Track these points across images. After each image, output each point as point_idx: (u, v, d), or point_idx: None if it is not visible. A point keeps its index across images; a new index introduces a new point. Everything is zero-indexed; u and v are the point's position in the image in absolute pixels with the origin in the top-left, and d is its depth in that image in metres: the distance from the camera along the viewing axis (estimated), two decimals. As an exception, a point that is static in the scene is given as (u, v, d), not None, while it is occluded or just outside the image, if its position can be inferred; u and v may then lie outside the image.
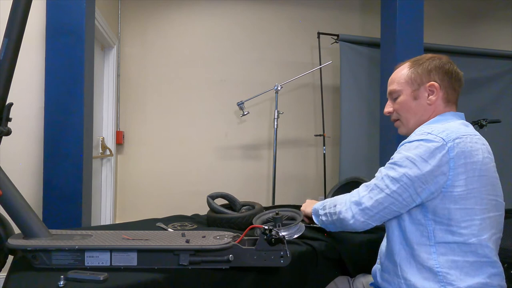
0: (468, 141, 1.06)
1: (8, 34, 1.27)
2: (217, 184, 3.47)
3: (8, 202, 1.19)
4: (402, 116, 1.23)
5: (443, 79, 1.18)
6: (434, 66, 1.19)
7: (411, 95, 1.20)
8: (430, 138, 1.06)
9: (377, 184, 1.10)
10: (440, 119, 1.17)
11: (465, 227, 1.03)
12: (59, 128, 2.05)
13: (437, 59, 1.20)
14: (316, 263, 1.31)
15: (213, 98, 3.59)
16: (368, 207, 1.09)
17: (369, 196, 1.10)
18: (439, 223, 1.05)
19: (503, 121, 3.19)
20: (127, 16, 3.45)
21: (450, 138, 1.05)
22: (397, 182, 1.06)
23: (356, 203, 1.11)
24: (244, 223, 1.47)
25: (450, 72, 1.18)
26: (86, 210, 2.14)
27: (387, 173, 1.09)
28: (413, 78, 1.20)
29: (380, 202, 1.08)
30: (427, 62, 1.20)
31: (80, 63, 2.07)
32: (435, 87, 1.17)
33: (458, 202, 1.04)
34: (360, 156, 3.38)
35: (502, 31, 4.27)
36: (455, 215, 1.04)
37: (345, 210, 1.13)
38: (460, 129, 1.09)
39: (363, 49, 3.43)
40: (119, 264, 1.09)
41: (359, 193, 1.13)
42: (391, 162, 1.10)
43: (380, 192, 1.08)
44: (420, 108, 1.19)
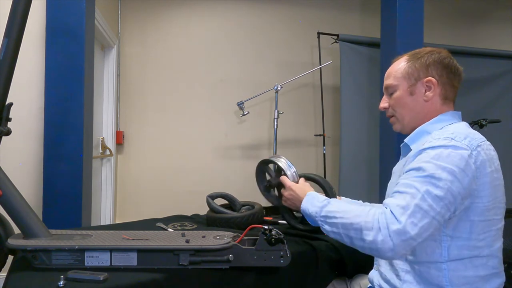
0: (486, 148, 1.02)
1: (8, 34, 1.27)
2: (217, 184, 3.47)
3: (8, 202, 1.19)
4: (397, 112, 1.18)
5: (441, 75, 1.12)
6: (432, 61, 1.13)
7: (407, 91, 1.14)
8: (458, 144, 0.97)
9: (419, 204, 0.92)
10: (443, 119, 1.12)
11: (483, 239, 0.99)
12: (59, 128, 2.05)
13: (436, 52, 1.14)
14: (316, 263, 1.31)
15: (213, 98, 3.59)
16: (413, 236, 0.91)
17: (413, 222, 0.91)
18: (456, 239, 0.98)
19: (503, 121, 3.19)
20: (127, 16, 3.45)
21: (473, 146, 0.98)
22: (441, 200, 0.93)
23: (398, 233, 0.90)
24: (244, 223, 1.47)
25: (449, 66, 1.13)
26: (86, 210, 2.14)
27: (428, 189, 0.93)
28: (410, 72, 1.14)
29: (426, 228, 0.92)
30: (426, 56, 1.14)
31: (80, 63, 2.07)
32: (432, 83, 1.11)
33: (482, 214, 0.98)
34: (360, 156, 3.38)
35: (502, 31, 4.27)
36: (477, 227, 0.98)
37: (382, 241, 0.91)
38: (474, 133, 1.04)
39: (363, 49, 3.43)
40: (119, 264, 1.09)
41: (396, 215, 0.92)
42: (427, 174, 0.95)
43: (425, 216, 0.92)
44: (416, 104, 1.14)
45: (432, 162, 0.96)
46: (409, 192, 0.95)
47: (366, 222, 0.95)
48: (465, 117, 1.18)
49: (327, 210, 1.05)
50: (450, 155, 0.96)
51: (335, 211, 1.04)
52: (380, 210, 0.96)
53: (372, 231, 0.93)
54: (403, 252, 0.93)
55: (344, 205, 1.05)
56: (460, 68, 1.15)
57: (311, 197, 1.15)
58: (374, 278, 1.18)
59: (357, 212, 0.99)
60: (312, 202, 1.13)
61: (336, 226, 1.01)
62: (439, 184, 0.93)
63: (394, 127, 1.22)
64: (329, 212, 1.05)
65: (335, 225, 1.02)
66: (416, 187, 0.95)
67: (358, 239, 0.96)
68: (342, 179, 3.32)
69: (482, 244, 0.99)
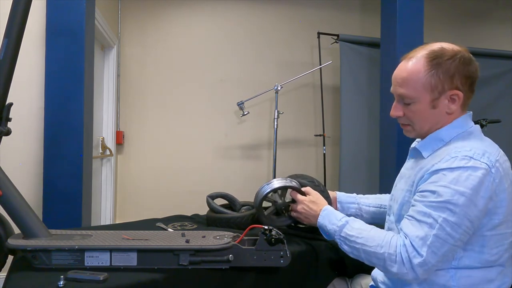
0: (502, 162, 1.00)
1: (8, 34, 1.27)
2: (217, 184, 3.47)
3: (8, 202, 1.19)
4: (416, 124, 1.09)
5: (465, 83, 1.04)
6: (456, 69, 1.02)
7: (430, 104, 1.05)
8: (476, 165, 0.95)
9: (437, 234, 0.94)
10: (457, 125, 1.08)
11: (495, 253, 0.99)
12: (59, 128, 2.05)
13: (459, 57, 1.03)
14: (316, 263, 1.31)
15: (213, 98, 3.60)
16: (434, 263, 0.96)
17: (433, 252, 0.94)
18: (469, 251, 0.99)
19: (503, 121, 3.19)
20: (127, 16, 3.45)
21: (492, 162, 0.97)
22: (459, 227, 0.94)
23: (420, 265, 0.94)
24: (244, 223, 1.47)
25: (472, 74, 1.05)
26: (86, 210, 2.14)
27: (445, 217, 0.94)
28: (433, 84, 1.03)
29: (445, 254, 0.96)
30: (449, 62, 1.02)
31: (80, 63, 2.07)
32: (458, 96, 1.04)
33: (495, 229, 0.98)
34: (360, 156, 3.38)
35: (503, 31, 4.27)
36: (489, 241, 0.98)
37: (406, 273, 0.96)
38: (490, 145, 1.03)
39: (363, 49, 3.43)
40: (119, 264, 1.09)
41: (417, 248, 0.95)
42: (444, 200, 0.94)
43: (444, 244, 0.94)
44: (438, 116, 1.07)
45: (449, 187, 0.94)
46: (427, 222, 0.95)
47: (389, 254, 0.98)
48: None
49: (347, 233, 1.07)
50: (468, 178, 0.94)
51: (355, 235, 1.05)
52: (401, 242, 0.98)
53: (396, 263, 0.97)
54: (425, 277, 0.99)
55: (363, 228, 1.07)
56: (477, 65, 1.08)
57: (328, 213, 1.16)
58: (378, 276, 1.18)
59: (378, 240, 1.01)
60: (329, 219, 1.14)
61: (357, 250, 1.05)
62: (456, 210, 0.93)
63: (408, 134, 1.15)
64: (349, 236, 1.07)
65: (356, 249, 1.05)
66: (433, 216, 0.95)
67: (381, 266, 1.02)
68: (342, 179, 3.32)
69: (494, 258, 1.00)
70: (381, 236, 1.02)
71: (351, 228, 1.07)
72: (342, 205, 1.44)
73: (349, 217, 1.12)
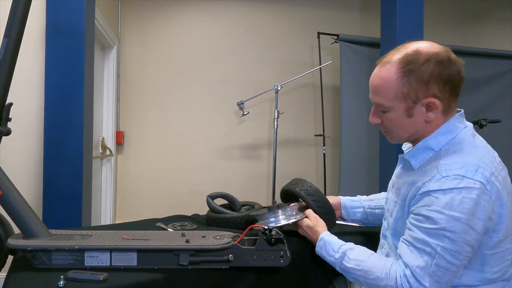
0: (497, 173, 0.95)
1: (8, 34, 1.27)
2: (217, 184, 3.47)
3: (8, 202, 1.19)
4: (394, 132, 1.06)
5: (443, 89, 0.96)
6: (431, 74, 0.95)
7: (405, 113, 1.00)
8: (470, 184, 0.90)
9: (438, 264, 0.91)
10: (447, 131, 1.00)
11: (497, 271, 0.97)
12: (59, 128, 2.05)
13: (434, 61, 0.95)
14: (316, 263, 1.31)
15: (213, 98, 3.59)
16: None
17: (436, 281, 0.92)
18: (469, 269, 0.97)
19: (503, 121, 3.19)
20: (127, 16, 3.45)
21: (487, 177, 0.91)
22: (460, 254, 0.91)
23: None
24: (244, 223, 1.47)
25: (452, 77, 0.96)
26: (86, 210, 2.13)
27: (444, 246, 0.91)
28: (406, 93, 0.97)
29: (450, 281, 0.94)
30: (423, 67, 0.95)
31: (80, 63, 2.07)
32: (435, 105, 0.97)
33: (495, 247, 0.96)
34: (360, 156, 3.38)
35: (502, 31, 4.27)
36: (490, 260, 0.96)
37: None
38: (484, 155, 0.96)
39: (363, 49, 3.42)
40: (119, 264, 1.09)
41: (419, 279, 0.93)
42: (439, 228, 0.91)
43: (446, 273, 0.92)
44: (416, 125, 1.01)
45: (444, 213, 0.90)
46: (426, 250, 0.93)
47: (391, 287, 0.96)
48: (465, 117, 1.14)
49: (346, 265, 1.07)
50: (462, 201, 0.89)
51: (354, 268, 1.04)
52: (401, 272, 0.95)
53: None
54: None
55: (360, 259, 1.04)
56: (461, 65, 0.98)
57: (324, 243, 1.15)
58: None
59: (376, 271, 0.99)
60: (326, 250, 1.13)
61: (359, 282, 1.05)
62: (454, 237, 0.90)
63: (390, 140, 1.12)
64: (348, 268, 1.06)
65: (358, 281, 1.05)
66: (431, 244, 0.92)
67: None
68: (342, 179, 3.31)
69: (496, 276, 0.97)
70: (380, 266, 1.00)
71: (349, 260, 1.06)
72: (347, 210, 1.42)
73: (346, 246, 1.10)
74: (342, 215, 1.44)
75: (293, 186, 1.39)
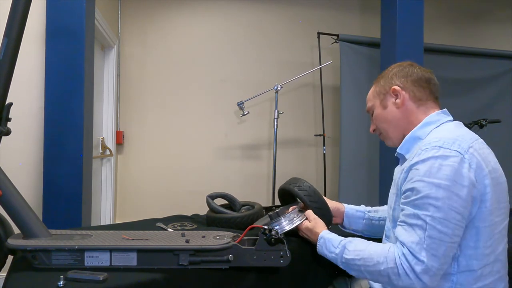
0: (478, 148, 1.00)
1: (8, 34, 1.27)
2: (217, 184, 3.47)
3: (8, 202, 1.19)
4: (381, 128, 1.22)
5: (405, 82, 1.16)
6: (393, 73, 1.19)
7: (381, 106, 1.21)
8: (446, 153, 0.95)
9: (430, 235, 0.93)
10: (430, 122, 1.11)
11: (489, 245, 0.98)
12: (59, 128, 2.05)
13: (397, 66, 1.21)
14: (316, 263, 1.31)
15: (213, 98, 3.60)
16: (438, 267, 0.94)
17: (432, 255, 0.93)
18: (465, 248, 0.98)
19: (503, 121, 3.19)
20: (127, 16, 3.45)
21: (465, 149, 0.96)
22: (449, 221, 0.93)
23: (424, 271, 0.93)
24: (244, 223, 1.47)
25: (409, 73, 1.17)
26: (86, 210, 2.14)
27: (431, 214, 0.93)
28: (378, 90, 1.22)
29: (446, 254, 0.94)
30: (389, 72, 1.21)
31: (80, 63, 2.07)
32: (397, 91, 1.16)
33: (486, 219, 0.97)
34: (360, 156, 3.38)
35: (502, 31, 4.27)
36: (483, 234, 0.97)
37: (412, 284, 0.94)
38: (463, 134, 1.02)
39: (363, 49, 3.42)
40: (119, 264, 1.09)
41: (416, 255, 0.94)
42: (423, 196, 0.95)
43: (441, 244, 0.93)
44: (392, 114, 1.17)
45: (424, 180, 0.95)
46: (417, 224, 0.95)
47: (391, 269, 0.97)
48: (465, 117, 1.17)
49: (346, 258, 1.08)
50: (440, 168, 0.94)
51: (355, 258, 1.06)
52: (399, 252, 0.97)
53: (400, 277, 0.96)
54: (435, 284, 0.96)
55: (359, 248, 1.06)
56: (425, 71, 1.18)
57: (324, 241, 1.16)
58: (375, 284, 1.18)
59: (376, 257, 1.01)
60: (327, 247, 1.15)
61: (361, 272, 1.05)
62: (438, 204, 0.93)
63: (386, 143, 1.24)
64: (349, 260, 1.07)
65: (360, 272, 1.05)
66: (420, 216, 0.95)
67: (387, 283, 1.00)
68: (342, 179, 3.31)
69: (488, 251, 0.98)
70: (378, 251, 1.02)
71: (348, 252, 1.08)
72: (349, 219, 1.42)
73: (346, 240, 1.12)
74: (344, 224, 1.43)
75: (292, 186, 1.40)
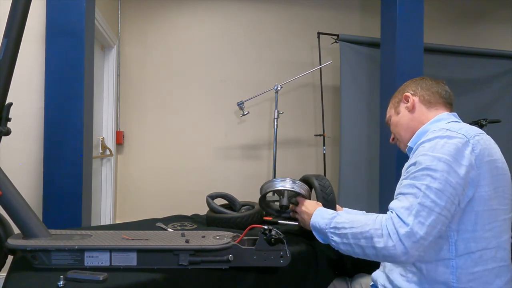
0: (486, 139, 1.04)
1: (8, 34, 1.27)
2: (217, 184, 3.47)
3: (7, 202, 1.19)
4: (396, 133, 1.29)
5: (415, 89, 1.25)
6: (405, 86, 1.29)
7: (395, 113, 1.29)
8: (452, 134, 1.00)
9: (422, 203, 0.93)
10: (441, 119, 1.16)
11: (489, 229, 0.98)
12: (59, 128, 2.05)
13: (410, 80, 1.30)
14: (316, 263, 1.31)
15: (213, 98, 3.59)
16: (423, 236, 0.92)
17: (420, 222, 0.92)
18: (462, 232, 0.98)
19: (503, 121, 3.19)
20: (127, 16, 3.45)
21: (471, 135, 1.00)
22: (443, 193, 0.93)
23: (408, 235, 0.91)
24: (243, 223, 1.47)
25: (420, 81, 1.26)
26: (86, 210, 2.14)
27: (427, 184, 0.94)
28: (393, 101, 1.32)
29: (433, 225, 0.92)
30: (402, 86, 1.32)
31: (80, 63, 2.07)
32: (408, 96, 1.25)
33: (486, 203, 0.98)
34: (360, 156, 3.38)
35: (502, 31, 4.27)
36: (482, 218, 0.98)
37: (393, 246, 0.92)
38: (471, 127, 1.06)
39: (363, 49, 3.42)
40: (119, 264, 1.09)
41: (403, 218, 0.93)
42: (423, 167, 0.96)
43: (430, 213, 0.92)
44: (405, 118, 1.24)
45: (427, 154, 0.99)
46: (411, 192, 0.96)
47: (375, 230, 0.96)
48: (465, 117, 1.20)
49: (336, 221, 1.08)
50: (444, 145, 0.98)
51: (343, 221, 1.06)
52: (387, 216, 0.98)
53: (383, 237, 0.95)
54: (416, 254, 0.93)
55: (352, 216, 1.07)
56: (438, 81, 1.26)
57: (320, 212, 1.18)
58: (379, 278, 1.18)
59: (365, 220, 1.01)
60: (321, 215, 1.16)
61: (346, 237, 1.03)
62: (436, 175, 0.95)
63: (401, 147, 1.30)
64: (338, 223, 1.07)
65: (345, 236, 1.04)
66: (416, 185, 0.96)
67: (370, 247, 0.97)
68: (342, 179, 3.31)
69: (488, 235, 0.98)
70: (368, 217, 1.03)
71: (340, 217, 1.09)
72: None
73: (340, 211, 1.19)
74: None
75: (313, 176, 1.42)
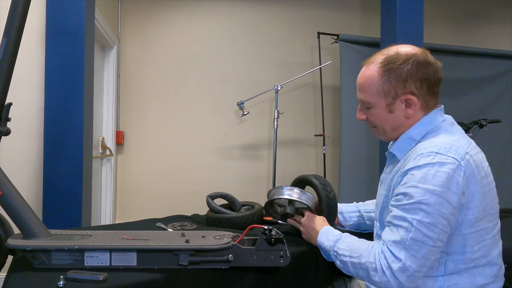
0: (473, 154, 0.99)
1: (8, 34, 1.27)
2: (217, 184, 3.47)
3: (7, 202, 1.19)
4: (379, 126, 1.14)
5: (420, 87, 1.04)
6: (409, 73, 1.03)
7: (386, 109, 1.08)
8: (443, 160, 0.94)
9: (414, 237, 0.92)
10: (426, 122, 1.07)
11: (477, 250, 0.98)
12: (59, 128, 2.05)
13: (412, 61, 1.04)
14: (316, 263, 1.31)
15: (213, 98, 3.60)
16: (416, 269, 0.93)
17: (412, 255, 0.92)
18: (452, 253, 0.98)
19: (503, 121, 3.19)
20: (127, 16, 3.45)
21: (461, 155, 0.95)
22: (435, 227, 0.92)
23: (401, 270, 0.92)
24: (243, 223, 1.47)
25: (428, 76, 1.04)
26: (86, 210, 2.14)
27: (419, 219, 0.93)
28: (386, 90, 1.06)
29: (427, 258, 0.93)
30: (401, 67, 1.04)
31: (80, 63, 2.07)
32: (412, 101, 1.05)
33: (473, 225, 0.97)
34: (360, 156, 3.38)
35: (502, 31, 4.27)
36: (469, 240, 0.97)
37: (387, 281, 0.94)
38: (459, 139, 1.01)
39: (363, 49, 3.42)
40: (119, 264, 1.09)
41: (395, 253, 0.94)
42: (415, 201, 0.93)
43: (423, 246, 0.92)
44: (397, 120, 1.09)
45: (418, 186, 0.94)
46: (402, 225, 0.95)
47: (370, 263, 0.98)
48: (465, 117, 1.17)
49: (338, 247, 1.10)
50: (436, 175, 0.93)
51: (344, 249, 1.08)
52: (379, 249, 0.99)
53: (377, 272, 0.96)
54: (413, 286, 0.95)
55: (352, 242, 1.08)
56: (438, 67, 1.07)
57: (326, 231, 1.18)
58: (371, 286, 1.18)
59: (362, 250, 1.02)
60: (327, 236, 1.16)
61: (346, 265, 1.06)
62: (429, 209, 0.92)
63: (377, 136, 1.19)
64: (339, 249, 1.09)
65: (345, 263, 1.06)
66: (407, 219, 0.94)
67: (366, 278, 1.01)
68: (342, 179, 3.31)
69: (477, 255, 0.98)
70: (365, 246, 1.04)
71: (342, 242, 1.10)
72: (343, 215, 1.44)
73: (344, 233, 1.14)
74: (339, 221, 1.45)
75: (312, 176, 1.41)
